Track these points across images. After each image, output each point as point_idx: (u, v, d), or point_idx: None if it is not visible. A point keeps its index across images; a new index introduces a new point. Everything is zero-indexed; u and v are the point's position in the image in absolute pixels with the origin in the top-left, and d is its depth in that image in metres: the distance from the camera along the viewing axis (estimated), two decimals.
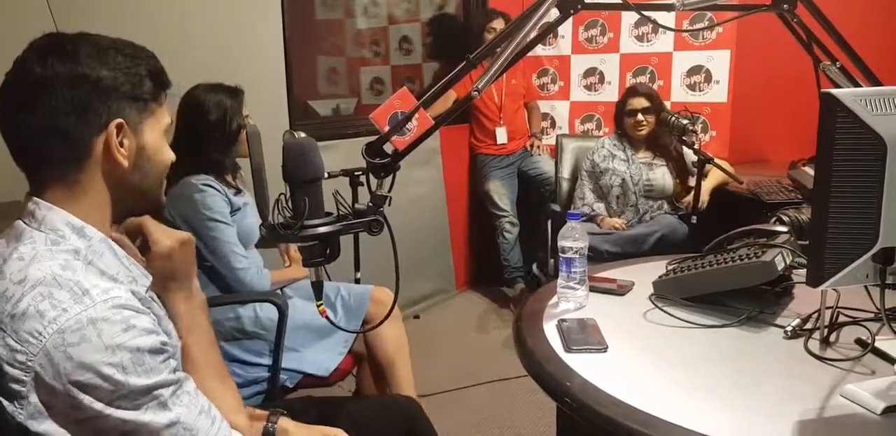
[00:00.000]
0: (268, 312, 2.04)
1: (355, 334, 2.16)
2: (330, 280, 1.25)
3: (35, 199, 0.96)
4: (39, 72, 0.92)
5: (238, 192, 2.12)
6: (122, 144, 0.97)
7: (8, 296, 0.88)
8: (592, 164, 3.23)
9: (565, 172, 3.45)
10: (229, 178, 2.13)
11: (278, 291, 2.19)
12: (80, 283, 0.89)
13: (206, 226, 1.98)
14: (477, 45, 2.87)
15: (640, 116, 3.10)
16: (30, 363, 0.84)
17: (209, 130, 2.03)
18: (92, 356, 0.84)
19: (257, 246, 2.23)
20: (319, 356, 2.08)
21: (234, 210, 2.07)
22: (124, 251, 1.02)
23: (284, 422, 1.32)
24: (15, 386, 0.85)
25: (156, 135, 1.03)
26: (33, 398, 0.85)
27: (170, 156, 1.07)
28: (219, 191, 2.01)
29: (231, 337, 2.04)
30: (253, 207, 2.13)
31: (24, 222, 0.96)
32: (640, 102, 3.10)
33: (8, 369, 0.85)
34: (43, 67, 0.92)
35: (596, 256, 2.75)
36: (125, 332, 0.87)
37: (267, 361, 2.02)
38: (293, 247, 2.38)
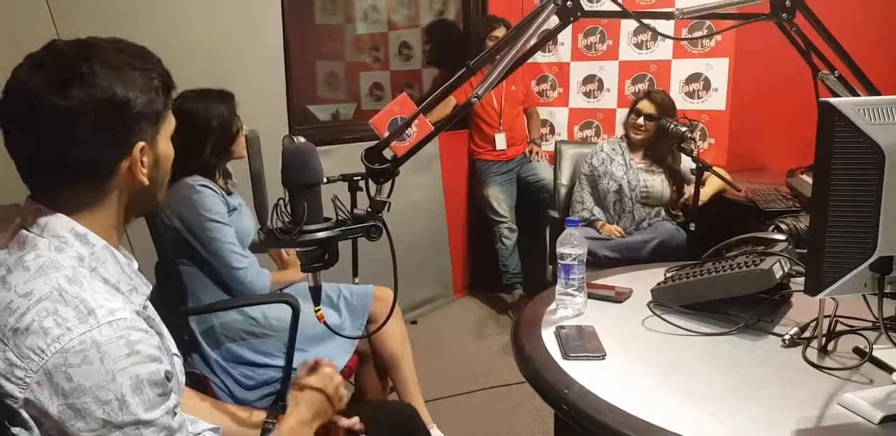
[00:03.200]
0: (276, 312, 2.04)
1: (361, 333, 2.19)
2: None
3: (36, 205, 0.94)
4: (62, 102, 0.87)
5: (229, 193, 2.12)
6: (142, 163, 0.96)
7: (13, 308, 0.86)
8: (591, 167, 3.24)
9: (564, 179, 3.45)
10: (220, 181, 2.13)
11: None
12: (86, 301, 0.86)
13: (205, 227, 1.97)
14: (478, 52, 2.90)
15: (640, 120, 3.12)
16: (27, 380, 0.82)
17: (208, 136, 2.02)
18: (92, 380, 0.83)
19: (252, 250, 2.23)
20: (328, 355, 2.07)
21: (231, 211, 2.07)
22: (126, 259, 1.01)
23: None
24: (7, 401, 0.83)
25: (166, 142, 1.02)
26: (24, 415, 0.83)
27: (172, 154, 1.06)
28: (215, 191, 2.01)
29: (240, 338, 2.04)
30: (247, 209, 2.14)
31: (27, 228, 0.93)
32: (648, 108, 3.11)
33: (3, 382, 0.83)
34: (64, 98, 0.87)
35: (594, 261, 2.75)
36: (128, 357, 0.85)
37: (277, 362, 2.02)
38: (286, 250, 2.39)
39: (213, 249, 1.99)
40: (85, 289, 0.88)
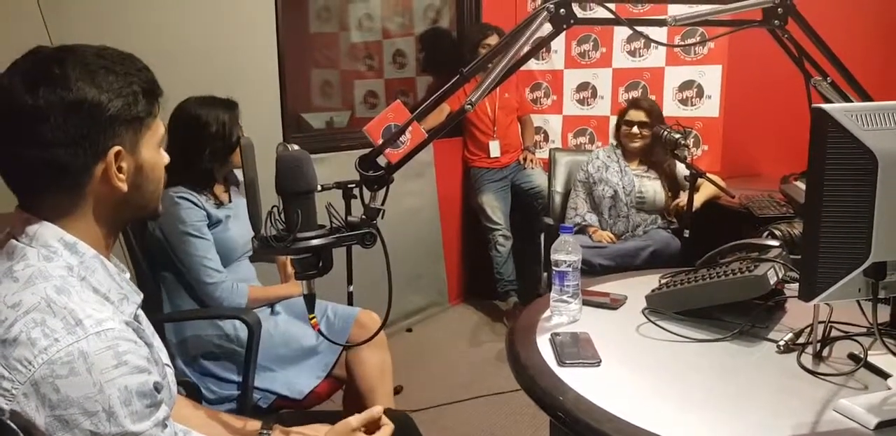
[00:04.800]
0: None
1: (335, 359, 2.08)
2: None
3: (26, 214, 0.94)
4: (30, 102, 0.87)
5: (221, 204, 2.10)
6: (119, 169, 0.94)
7: (0, 319, 0.85)
8: (587, 174, 3.25)
9: (558, 186, 3.45)
10: (219, 190, 2.12)
11: (266, 308, 2.16)
12: (74, 311, 0.86)
13: (179, 239, 1.96)
14: (472, 60, 2.90)
15: (634, 129, 3.14)
16: (14, 391, 0.81)
17: (208, 143, 2.00)
18: (79, 391, 0.82)
19: (252, 259, 2.22)
20: (295, 378, 2.02)
21: (214, 223, 2.05)
22: (115, 268, 1.00)
23: (278, 432, 1.32)
24: None
25: (152, 150, 1.00)
26: (11, 427, 0.82)
27: (164, 162, 1.05)
28: (195, 204, 1.99)
29: (209, 353, 2.02)
30: (238, 219, 2.11)
31: (16, 238, 0.93)
32: (639, 116, 3.14)
33: None
34: (33, 97, 0.87)
35: (589, 270, 2.75)
36: (116, 368, 0.84)
37: (240, 378, 1.98)
38: (290, 262, 2.36)
39: (186, 263, 1.98)
40: (73, 299, 0.88)
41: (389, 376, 2.16)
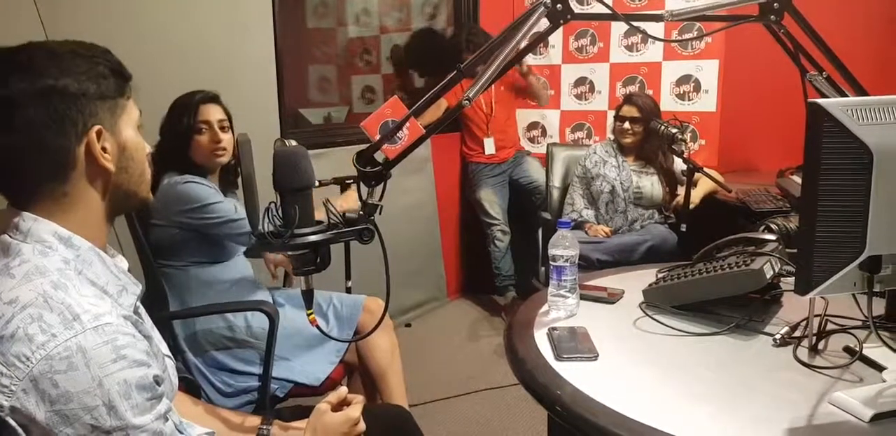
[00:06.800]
0: (259, 320, 2.02)
1: (347, 344, 2.15)
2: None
3: (18, 211, 0.94)
4: (2, 93, 0.88)
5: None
6: (104, 149, 0.95)
7: None
8: (584, 169, 3.25)
9: (556, 181, 3.46)
10: (213, 179, 2.12)
11: (269, 300, 2.17)
12: (71, 306, 0.86)
13: (203, 214, 1.96)
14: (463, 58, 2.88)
15: (626, 124, 3.13)
16: (13, 388, 0.81)
17: (165, 129, 2.05)
18: (78, 386, 0.82)
19: (247, 255, 2.22)
20: (311, 366, 2.07)
21: None
22: (112, 260, 1.00)
23: (277, 427, 1.32)
24: None
25: (132, 130, 1.00)
26: (10, 423, 0.82)
27: (148, 149, 1.05)
28: (202, 184, 2.00)
29: (222, 346, 2.03)
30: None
31: (9, 235, 0.93)
32: (631, 111, 3.13)
33: None
34: (4, 86, 0.88)
35: (587, 265, 2.76)
36: (114, 362, 0.84)
37: (257, 370, 2.01)
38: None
39: (214, 230, 1.98)
40: (71, 294, 0.88)
41: (399, 358, 2.24)
